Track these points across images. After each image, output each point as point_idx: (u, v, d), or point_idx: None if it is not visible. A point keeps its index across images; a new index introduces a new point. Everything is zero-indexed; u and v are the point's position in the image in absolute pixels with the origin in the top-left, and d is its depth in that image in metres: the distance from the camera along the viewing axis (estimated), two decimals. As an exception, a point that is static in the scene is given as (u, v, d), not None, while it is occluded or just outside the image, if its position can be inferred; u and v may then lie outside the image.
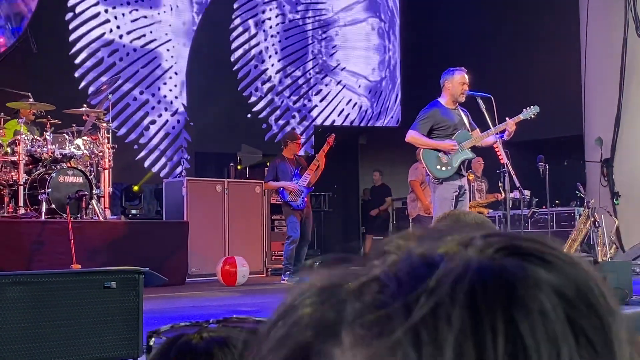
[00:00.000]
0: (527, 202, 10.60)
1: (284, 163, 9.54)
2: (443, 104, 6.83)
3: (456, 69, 6.82)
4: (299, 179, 9.46)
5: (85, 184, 8.45)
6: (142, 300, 3.01)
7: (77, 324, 2.82)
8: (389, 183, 16.87)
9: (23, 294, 2.67)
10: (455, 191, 6.63)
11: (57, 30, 12.96)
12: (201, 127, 14.38)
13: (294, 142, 9.71)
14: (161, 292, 7.38)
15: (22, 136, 8.30)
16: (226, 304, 6.51)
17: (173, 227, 9.47)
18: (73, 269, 3.05)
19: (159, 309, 5.71)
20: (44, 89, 10.45)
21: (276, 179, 9.47)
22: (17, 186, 8.23)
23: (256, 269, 10.68)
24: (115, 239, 8.41)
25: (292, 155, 9.65)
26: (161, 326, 2.54)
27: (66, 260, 7.19)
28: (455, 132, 6.73)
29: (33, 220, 7.93)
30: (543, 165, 10.40)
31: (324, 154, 9.61)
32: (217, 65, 14.73)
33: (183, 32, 14.47)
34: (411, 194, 10.41)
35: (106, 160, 9.00)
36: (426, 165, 6.69)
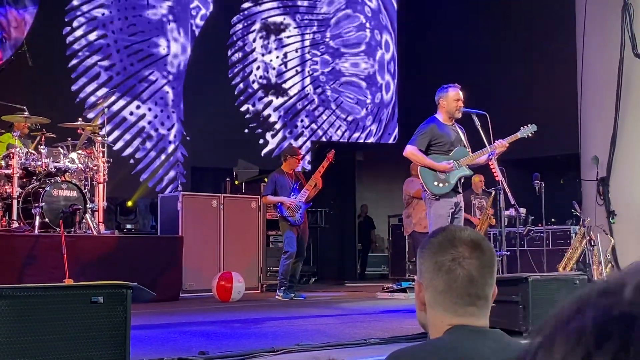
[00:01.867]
0: (522, 220, 10.58)
1: (283, 177, 9.53)
2: (440, 120, 6.82)
3: (450, 86, 6.82)
4: (297, 194, 9.44)
5: (80, 198, 8.42)
6: (129, 315, 2.97)
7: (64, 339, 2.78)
8: (386, 200, 16.87)
9: (8, 308, 2.63)
10: (451, 208, 6.61)
11: (54, 44, 12.97)
12: (197, 142, 14.37)
13: (294, 158, 9.69)
14: (155, 308, 7.34)
15: (17, 149, 8.27)
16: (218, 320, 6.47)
17: (167, 242, 9.43)
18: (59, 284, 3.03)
19: (150, 325, 5.67)
20: (40, 103, 10.44)
21: (275, 193, 9.45)
22: (10, 200, 8.20)
23: (251, 285, 10.63)
24: (108, 253, 8.37)
25: (291, 170, 9.63)
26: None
27: (59, 275, 7.14)
28: (452, 149, 6.72)
29: (26, 234, 7.89)
30: (539, 183, 10.38)
31: (323, 169, 9.59)
32: (214, 81, 14.74)
33: (180, 47, 14.48)
34: (405, 210, 10.39)
35: (101, 174, 8.97)
36: (423, 181, 6.67)
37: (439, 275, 1.75)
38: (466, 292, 1.74)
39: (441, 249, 1.76)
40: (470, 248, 1.75)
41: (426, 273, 1.79)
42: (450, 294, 1.75)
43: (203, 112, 14.35)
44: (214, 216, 10.94)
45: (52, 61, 12.75)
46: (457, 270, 1.73)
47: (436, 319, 1.78)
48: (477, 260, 1.74)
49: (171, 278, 8.96)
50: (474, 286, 1.74)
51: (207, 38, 14.80)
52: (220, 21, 15.04)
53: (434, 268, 1.76)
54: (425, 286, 1.80)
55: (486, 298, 1.77)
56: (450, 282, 1.74)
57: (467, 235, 1.78)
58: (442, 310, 1.77)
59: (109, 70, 13.59)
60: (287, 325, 5.87)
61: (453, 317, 1.75)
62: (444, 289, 1.75)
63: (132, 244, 8.91)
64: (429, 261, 1.78)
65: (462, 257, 1.74)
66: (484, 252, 1.76)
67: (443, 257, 1.75)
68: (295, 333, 5.10)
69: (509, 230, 10.79)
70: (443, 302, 1.76)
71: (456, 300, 1.74)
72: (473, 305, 1.75)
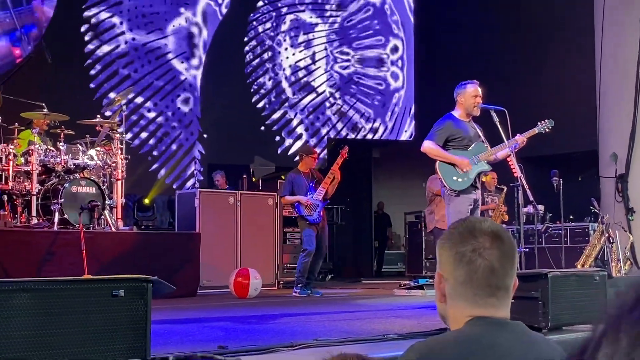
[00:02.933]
0: (540, 217, 10.54)
1: (300, 177, 9.55)
2: (457, 116, 6.80)
3: (468, 82, 6.80)
4: (314, 192, 9.45)
5: (98, 194, 8.46)
6: (150, 309, 2.98)
7: (85, 332, 2.80)
8: (402, 197, 16.85)
9: (30, 301, 2.65)
10: (470, 204, 6.58)
11: (73, 42, 13.04)
12: (214, 139, 14.41)
13: (309, 156, 9.70)
14: (173, 304, 7.36)
15: (36, 146, 8.32)
16: (236, 316, 6.48)
17: (185, 238, 9.45)
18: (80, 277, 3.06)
19: (169, 320, 5.69)
20: (58, 100, 10.50)
21: (292, 193, 9.48)
22: (30, 196, 8.24)
23: (268, 282, 10.64)
24: (127, 249, 8.40)
25: (307, 169, 9.65)
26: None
27: (78, 271, 7.17)
28: (470, 144, 6.70)
29: (45, 230, 7.93)
30: (557, 180, 10.33)
31: (338, 166, 9.60)
32: (231, 78, 14.77)
33: (198, 44, 14.52)
34: (428, 207, 10.36)
35: (119, 171, 9.01)
36: (442, 177, 6.64)
37: (459, 266, 1.75)
38: (487, 283, 1.74)
39: (462, 240, 1.76)
40: (490, 239, 1.75)
41: (446, 264, 1.79)
42: (471, 285, 1.74)
43: (220, 110, 14.39)
44: (231, 213, 10.96)
45: (70, 58, 12.83)
46: (477, 260, 1.73)
47: (456, 310, 1.78)
48: (497, 250, 1.74)
49: (189, 274, 8.99)
50: (494, 277, 1.74)
51: (224, 35, 14.83)
52: (237, 18, 15.06)
53: (455, 259, 1.76)
54: (446, 277, 1.80)
55: (507, 289, 1.77)
56: (471, 273, 1.74)
57: (487, 226, 1.78)
58: (463, 302, 1.76)
59: (126, 68, 13.64)
60: (304, 321, 5.87)
61: (473, 308, 1.75)
62: (464, 280, 1.75)
63: (150, 241, 8.94)
64: (450, 252, 1.78)
65: (483, 247, 1.74)
66: (504, 242, 1.76)
67: (463, 247, 1.75)
68: (313, 329, 5.10)
69: (527, 228, 10.74)
70: (464, 293, 1.76)
71: (477, 291, 1.74)
72: (493, 296, 1.75)
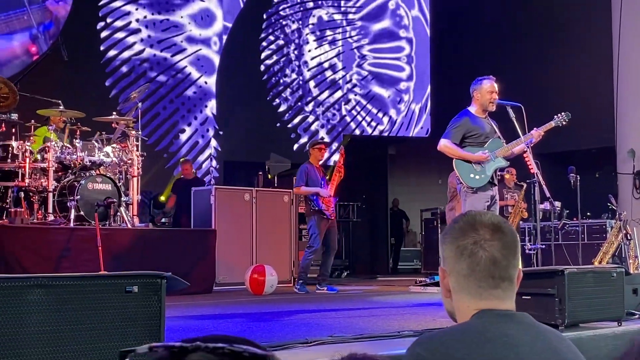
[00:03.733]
0: (557, 214, 10.47)
1: (313, 169, 9.51)
2: (473, 112, 6.76)
3: (484, 78, 6.76)
4: (326, 188, 9.44)
5: (114, 191, 8.48)
6: (164, 305, 2.98)
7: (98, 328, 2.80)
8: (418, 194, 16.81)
9: (44, 297, 2.65)
10: (487, 201, 6.55)
11: (89, 39, 13.10)
12: (230, 136, 14.42)
13: (316, 148, 9.64)
14: (188, 300, 7.38)
15: (52, 143, 8.35)
16: (251, 312, 6.49)
17: (201, 235, 9.46)
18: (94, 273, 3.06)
19: (184, 316, 5.70)
20: (74, 97, 10.55)
21: (307, 185, 9.43)
22: (46, 193, 8.28)
23: (283, 278, 10.64)
24: (143, 246, 8.42)
25: (317, 164, 9.62)
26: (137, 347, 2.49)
27: (94, 267, 7.20)
28: (487, 141, 6.67)
29: (62, 227, 7.96)
30: (574, 177, 10.27)
31: (340, 163, 9.58)
32: (246, 75, 14.79)
33: (213, 41, 14.54)
34: (449, 203, 10.32)
35: (135, 168, 9.03)
36: (459, 174, 6.61)
37: (461, 260, 1.76)
38: (490, 275, 1.74)
39: (462, 233, 1.77)
40: (491, 230, 1.75)
41: (449, 259, 1.80)
42: (474, 277, 1.74)
43: (235, 107, 14.41)
44: (247, 210, 10.97)
45: (86, 56, 12.88)
46: (479, 252, 1.74)
47: (462, 304, 1.78)
48: (498, 242, 1.75)
49: (204, 271, 9.00)
50: (497, 268, 1.74)
51: (240, 32, 14.84)
52: (252, 15, 15.07)
53: (456, 253, 1.77)
54: (449, 272, 1.80)
55: (510, 280, 1.77)
56: (473, 265, 1.74)
57: (487, 218, 1.78)
58: (467, 295, 1.76)
59: (142, 65, 13.68)
60: (319, 317, 5.86)
61: (479, 301, 1.75)
62: (467, 273, 1.75)
63: (165, 237, 8.96)
64: (451, 246, 1.78)
65: (484, 239, 1.74)
66: (505, 233, 1.76)
67: (464, 240, 1.76)
68: (328, 325, 5.09)
69: (544, 224, 10.68)
70: (467, 287, 1.76)
71: (480, 283, 1.74)
72: (498, 287, 1.75)
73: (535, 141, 6.63)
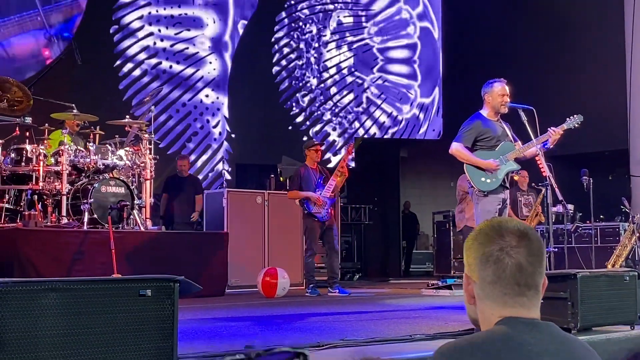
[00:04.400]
0: (570, 217, 10.44)
1: (308, 172, 9.53)
2: (485, 115, 6.76)
3: (495, 81, 6.75)
4: (322, 189, 9.43)
5: (127, 194, 8.52)
6: (177, 308, 2.99)
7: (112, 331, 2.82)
8: (430, 196, 16.80)
9: (58, 301, 2.67)
10: (498, 204, 6.55)
11: (102, 43, 13.16)
12: (242, 138, 14.45)
13: (312, 149, 9.65)
14: (201, 303, 7.40)
15: (66, 147, 8.40)
16: (263, 315, 6.50)
17: (213, 237, 9.49)
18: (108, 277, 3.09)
19: (196, 319, 5.72)
20: (88, 100, 10.60)
21: (300, 188, 9.44)
22: (60, 196, 8.33)
23: (295, 281, 10.65)
24: (156, 249, 8.45)
25: (314, 165, 9.62)
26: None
27: (107, 270, 7.24)
28: (498, 144, 6.66)
29: (75, 230, 8.01)
30: (587, 180, 10.23)
31: (345, 162, 9.57)
32: (258, 77, 14.82)
33: (225, 44, 14.58)
34: (459, 205, 10.31)
35: (148, 171, 9.07)
36: (470, 178, 6.61)
37: (487, 266, 1.74)
38: (515, 282, 1.73)
39: (488, 240, 1.76)
40: (517, 237, 1.74)
41: (474, 265, 1.78)
42: (500, 284, 1.73)
43: (247, 109, 14.44)
44: (259, 212, 11.00)
45: (99, 59, 12.95)
46: (505, 259, 1.73)
47: (486, 311, 1.77)
48: (525, 249, 1.74)
49: (217, 273, 9.02)
50: (523, 275, 1.73)
51: (252, 35, 14.87)
52: (264, 18, 15.10)
53: (482, 259, 1.75)
54: (474, 278, 1.79)
55: (536, 288, 1.76)
56: (499, 272, 1.73)
57: (513, 225, 1.77)
58: (492, 302, 1.75)
59: (155, 69, 13.74)
60: (331, 320, 5.87)
61: (503, 308, 1.73)
62: (493, 280, 1.74)
63: (178, 240, 8.99)
64: (477, 253, 1.77)
65: (510, 246, 1.73)
66: (531, 241, 1.75)
67: (490, 247, 1.74)
68: (340, 328, 5.10)
69: (557, 227, 10.65)
70: (492, 293, 1.75)
71: (506, 290, 1.73)
72: (523, 295, 1.74)
73: (553, 140, 6.58)
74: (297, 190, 9.47)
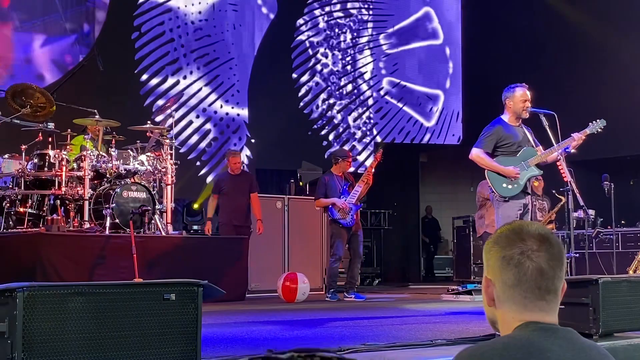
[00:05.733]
0: (591, 222, 10.38)
1: (333, 179, 9.60)
2: (506, 121, 6.74)
3: (517, 86, 6.73)
4: (347, 196, 9.48)
5: (149, 199, 8.58)
6: (200, 312, 3.03)
7: (137, 335, 2.85)
8: (450, 202, 16.75)
9: (84, 305, 2.71)
10: (519, 209, 6.52)
11: (123, 49, 13.25)
12: (262, 143, 14.49)
13: (345, 161, 9.74)
14: (221, 307, 7.44)
15: (88, 152, 8.48)
16: (284, 320, 6.52)
17: (233, 242, 9.54)
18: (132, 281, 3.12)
19: (218, 323, 5.75)
20: (110, 106, 10.68)
21: (325, 196, 9.51)
22: (82, 201, 8.40)
23: (315, 286, 10.67)
24: (177, 254, 8.50)
25: (341, 173, 9.69)
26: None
27: (129, 275, 7.30)
28: (519, 149, 6.64)
29: (97, 235, 8.08)
30: (608, 185, 10.17)
31: (372, 169, 9.61)
32: (278, 83, 14.85)
33: (246, 49, 14.63)
34: (479, 211, 10.28)
35: (169, 176, 9.13)
36: (491, 184, 6.59)
37: (508, 269, 1.76)
38: (536, 285, 1.74)
39: (509, 243, 1.77)
40: (538, 241, 1.76)
41: (494, 268, 1.79)
42: (520, 288, 1.75)
43: (267, 115, 14.48)
44: (279, 217, 11.04)
45: (121, 65, 13.04)
46: (526, 263, 1.74)
47: (506, 314, 1.78)
48: (546, 253, 1.75)
49: (237, 278, 9.06)
50: (544, 279, 1.74)
51: (272, 41, 14.92)
52: (284, 24, 15.14)
53: (503, 262, 1.77)
54: (494, 281, 1.80)
55: (556, 292, 1.77)
56: (519, 276, 1.74)
57: (534, 228, 1.78)
58: (512, 305, 1.76)
59: (176, 74, 13.82)
60: (352, 325, 5.88)
61: (523, 312, 1.75)
62: (513, 283, 1.75)
63: (199, 245, 9.04)
64: (497, 255, 1.78)
65: (531, 250, 1.75)
66: (552, 245, 1.77)
67: (511, 250, 1.76)
68: (361, 333, 5.11)
69: (578, 232, 10.59)
70: (513, 297, 1.76)
71: (526, 294, 1.75)
72: (543, 299, 1.75)
73: (576, 144, 6.55)
74: (322, 198, 9.54)
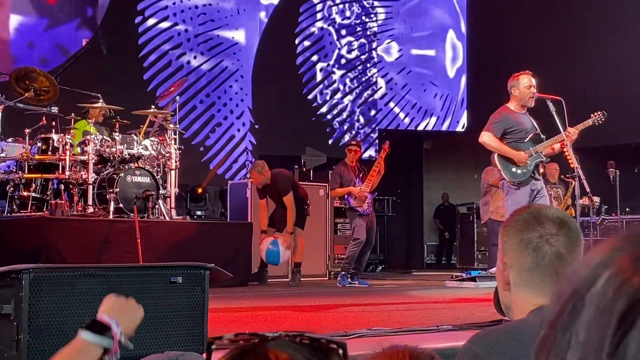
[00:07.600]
0: (596, 209, 10.36)
1: (347, 169, 9.65)
2: (513, 109, 6.71)
3: (521, 73, 6.69)
4: (361, 184, 9.52)
5: (152, 184, 8.55)
6: (207, 296, 3.02)
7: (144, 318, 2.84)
8: (454, 188, 16.70)
9: (93, 287, 2.70)
10: (529, 195, 6.51)
11: (127, 33, 13.21)
12: (266, 129, 14.47)
13: (352, 150, 9.79)
14: (225, 292, 7.43)
15: (92, 136, 8.45)
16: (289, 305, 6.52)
17: (237, 228, 9.52)
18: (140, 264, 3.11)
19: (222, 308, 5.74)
20: (113, 90, 10.65)
21: (341, 186, 9.58)
22: (86, 185, 8.38)
23: (319, 272, 10.66)
24: (180, 238, 8.50)
25: (353, 162, 9.73)
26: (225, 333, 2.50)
27: (132, 259, 7.28)
28: (527, 136, 6.63)
29: (101, 219, 8.07)
30: (613, 172, 10.14)
31: (382, 159, 9.62)
32: (282, 69, 14.81)
33: (250, 35, 14.58)
34: (483, 198, 10.26)
35: (173, 161, 9.10)
36: (501, 169, 6.58)
37: (525, 253, 1.73)
38: (554, 270, 1.71)
39: (527, 227, 1.74)
40: (557, 225, 1.73)
41: (511, 251, 1.76)
42: (538, 272, 1.72)
43: (271, 100, 14.44)
44: (283, 203, 10.98)
45: (125, 50, 13.00)
46: (544, 247, 1.71)
47: (521, 298, 1.75)
48: (564, 237, 1.72)
49: (241, 263, 9.05)
50: (562, 263, 1.71)
51: (276, 26, 14.87)
52: (288, 9, 15.08)
53: (520, 246, 1.74)
54: (510, 265, 1.77)
55: None
56: (538, 260, 1.72)
57: (553, 212, 1.76)
58: (529, 289, 1.74)
59: (179, 59, 13.77)
60: (357, 311, 5.88)
61: (539, 296, 1.72)
62: (531, 267, 1.73)
63: (203, 230, 9.03)
64: (515, 239, 1.75)
65: (550, 234, 1.72)
66: (571, 229, 1.74)
67: (530, 234, 1.73)
68: (367, 319, 5.10)
69: (583, 219, 10.57)
70: (530, 281, 1.73)
71: (544, 278, 1.72)
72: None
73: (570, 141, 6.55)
74: (338, 187, 9.57)
